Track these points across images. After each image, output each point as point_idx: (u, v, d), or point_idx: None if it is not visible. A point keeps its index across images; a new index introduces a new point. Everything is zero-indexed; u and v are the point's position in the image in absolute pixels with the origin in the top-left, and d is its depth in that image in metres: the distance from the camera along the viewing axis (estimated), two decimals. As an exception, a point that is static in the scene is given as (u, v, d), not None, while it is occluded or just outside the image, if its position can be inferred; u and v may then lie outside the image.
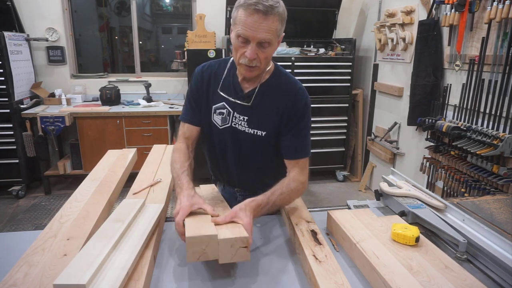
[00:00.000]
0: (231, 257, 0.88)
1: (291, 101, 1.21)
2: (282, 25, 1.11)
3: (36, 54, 3.99)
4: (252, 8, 1.02)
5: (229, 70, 1.27)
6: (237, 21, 1.07)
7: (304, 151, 1.23)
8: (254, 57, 1.08)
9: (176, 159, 1.21)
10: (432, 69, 2.78)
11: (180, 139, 1.30)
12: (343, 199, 2.43)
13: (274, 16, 1.04)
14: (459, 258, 1.00)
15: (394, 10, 3.42)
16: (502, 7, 2.08)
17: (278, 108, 1.21)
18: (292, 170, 1.21)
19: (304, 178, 1.21)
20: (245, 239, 0.87)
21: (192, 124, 1.31)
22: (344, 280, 0.83)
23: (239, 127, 1.24)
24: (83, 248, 0.87)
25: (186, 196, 1.03)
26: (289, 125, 1.21)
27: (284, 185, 1.13)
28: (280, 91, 1.22)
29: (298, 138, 1.23)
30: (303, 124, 1.22)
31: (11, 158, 3.57)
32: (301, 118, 1.21)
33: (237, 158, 1.30)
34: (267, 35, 1.05)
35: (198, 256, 0.87)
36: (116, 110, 3.70)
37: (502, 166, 2.10)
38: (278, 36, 1.11)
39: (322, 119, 4.01)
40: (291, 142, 1.22)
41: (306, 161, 1.24)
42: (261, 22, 1.03)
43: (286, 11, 1.11)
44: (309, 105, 1.24)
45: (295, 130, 1.22)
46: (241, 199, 1.40)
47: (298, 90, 1.23)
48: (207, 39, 3.87)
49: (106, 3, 5.10)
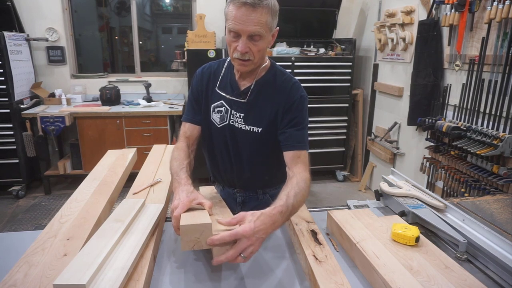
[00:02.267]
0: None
1: (286, 95, 1.21)
2: (274, 18, 1.11)
3: (36, 54, 3.99)
4: (240, 1, 1.03)
5: (226, 69, 1.29)
6: (228, 17, 1.08)
7: (304, 144, 1.21)
8: (246, 50, 1.09)
9: (176, 156, 1.21)
10: (432, 69, 2.78)
11: (181, 139, 1.30)
12: (343, 199, 2.42)
13: (262, 8, 1.05)
14: (459, 258, 1.00)
15: (394, 10, 3.42)
16: (502, 7, 2.08)
17: (274, 104, 1.21)
18: (295, 166, 1.14)
19: (308, 174, 1.14)
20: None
21: (193, 123, 1.32)
22: (344, 280, 0.83)
23: (236, 124, 1.25)
24: (83, 248, 0.87)
25: (185, 192, 1.02)
26: (286, 118, 1.21)
27: (295, 185, 1.05)
28: (275, 87, 1.23)
29: (298, 130, 1.21)
30: (301, 117, 1.21)
31: (11, 158, 3.57)
32: (298, 111, 1.21)
33: (235, 156, 1.30)
34: (257, 28, 1.06)
35: (192, 244, 0.87)
36: (116, 110, 3.71)
37: (502, 166, 2.10)
38: (270, 29, 1.11)
39: (322, 119, 4.01)
40: (290, 133, 1.20)
41: (307, 155, 1.20)
42: (249, 15, 1.04)
43: (277, 5, 1.11)
44: (305, 98, 1.23)
45: (293, 122, 1.20)
46: (241, 200, 1.40)
47: (293, 85, 1.23)
48: (207, 39, 3.87)
49: (106, 3, 5.09)
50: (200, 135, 1.33)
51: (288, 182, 1.09)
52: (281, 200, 0.98)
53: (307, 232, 1.04)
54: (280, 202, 0.98)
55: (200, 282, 0.91)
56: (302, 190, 1.05)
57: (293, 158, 1.17)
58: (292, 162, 1.16)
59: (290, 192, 1.02)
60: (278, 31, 1.18)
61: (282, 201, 0.98)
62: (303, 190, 1.05)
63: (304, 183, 1.08)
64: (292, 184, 1.06)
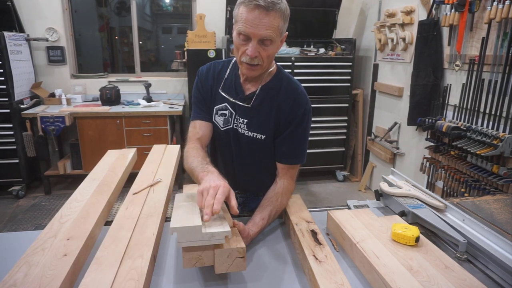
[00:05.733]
0: (227, 267, 0.87)
1: (290, 106, 1.19)
2: (285, 23, 1.08)
3: (36, 54, 3.99)
4: (253, 4, 1.00)
5: (231, 70, 1.26)
6: (238, 19, 1.05)
7: (298, 158, 1.23)
8: (256, 55, 1.06)
9: (195, 154, 1.13)
10: (432, 69, 2.78)
11: (192, 140, 1.23)
12: (343, 199, 2.43)
13: (275, 12, 1.02)
14: (459, 258, 1.00)
15: (394, 10, 3.42)
16: (502, 7, 2.08)
17: (278, 112, 1.19)
18: (283, 176, 1.22)
19: (293, 187, 1.24)
20: (241, 250, 0.87)
21: (204, 120, 1.26)
22: (344, 280, 0.83)
23: (240, 129, 1.24)
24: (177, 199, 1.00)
25: (222, 180, 0.94)
26: (286, 130, 1.20)
27: (278, 204, 1.15)
28: (280, 95, 1.20)
29: (293, 144, 1.21)
30: (301, 130, 1.20)
31: (11, 158, 3.58)
32: (299, 124, 1.20)
33: (238, 160, 1.29)
34: (269, 32, 1.03)
35: (194, 262, 0.86)
36: (116, 110, 3.71)
37: (502, 166, 2.10)
38: (281, 34, 1.09)
39: (322, 119, 4.01)
40: (286, 147, 1.21)
41: (297, 168, 1.25)
42: (262, 18, 1.01)
43: (288, 9, 1.08)
44: (308, 111, 1.21)
45: (291, 135, 1.20)
46: (241, 201, 1.40)
47: (298, 95, 1.20)
48: (207, 39, 3.87)
49: (106, 3, 5.10)
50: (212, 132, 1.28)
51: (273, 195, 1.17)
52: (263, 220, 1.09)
53: (307, 232, 1.04)
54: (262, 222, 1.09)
55: (200, 282, 0.91)
56: (282, 206, 1.18)
57: (284, 169, 1.24)
58: (282, 172, 1.24)
59: (272, 211, 1.13)
60: (287, 36, 1.14)
61: (264, 221, 1.09)
62: (283, 206, 1.18)
63: (286, 199, 1.20)
64: (277, 201, 1.15)
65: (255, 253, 1.04)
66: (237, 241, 0.89)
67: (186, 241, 0.84)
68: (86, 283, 0.79)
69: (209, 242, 0.85)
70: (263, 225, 1.09)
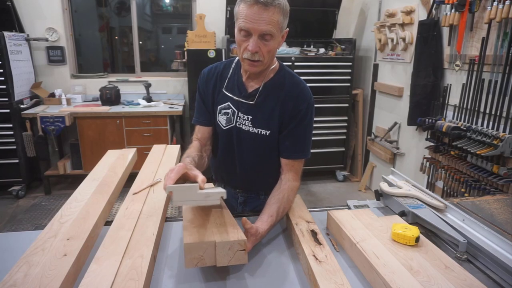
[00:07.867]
0: (229, 260, 0.88)
1: (293, 101, 1.20)
2: (285, 18, 1.10)
3: (36, 54, 3.99)
4: (252, 0, 1.03)
5: (234, 70, 1.27)
6: (239, 15, 1.07)
7: (302, 153, 1.23)
8: (256, 50, 1.08)
9: (187, 152, 1.23)
10: (432, 69, 2.78)
11: (193, 139, 1.33)
12: (343, 199, 2.42)
13: (274, 7, 1.04)
14: (459, 258, 1.00)
15: (394, 10, 3.42)
16: (502, 7, 2.08)
17: (282, 107, 1.21)
18: (288, 172, 1.22)
19: (298, 183, 1.24)
20: (242, 242, 0.87)
21: (202, 125, 1.32)
22: (344, 280, 0.83)
23: (243, 127, 1.24)
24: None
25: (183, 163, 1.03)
26: (290, 125, 1.21)
27: (285, 201, 1.14)
28: (283, 90, 1.22)
29: (298, 138, 1.22)
30: (304, 125, 1.22)
31: (11, 158, 3.58)
32: (303, 119, 1.21)
33: (240, 159, 1.30)
34: (268, 27, 1.05)
35: (196, 262, 0.87)
36: (116, 110, 3.71)
37: (502, 166, 2.10)
38: (281, 29, 1.10)
39: (322, 119, 4.01)
40: (290, 142, 1.22)
41: (301, 163, 1.25)
42: (261, 14, 1.03)
43: (288, 5, 1.10)
44: (312, 106, 1.23)
45: (295, 131, 1.21)
46: (242, 200, 1.40)
47: (301, 90, 1.22)
48: (207, 39, 3.87)
49: (106, 3, 5.09)
50: (212, 134, 1.34)
51: (279, 192, 1.16)
52: (271, 217, 1.08)
53: (307, 232, 1.04)
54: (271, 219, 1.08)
55: (200, 282, 0.91)
56: (290, 203, 1.17)
57: (288, 165, 1.24)
58: (286, 167, 1.24)
59: (280, 208, 1.12)
60: (288, 32, 1.16)
61: (273, 217, 1.08)
62: (290, 202, 1.18)
63: (293, 195, 1.19)
64: (283, 198, 1.14)
65: (255, 253, 1.04)
66: (237, 234, 0.90)
67: (181, 200, 0.84)
68: (86, 283, 0.79)
69: (204, 202, 0.85)
70: (272, 222, 1.07)
